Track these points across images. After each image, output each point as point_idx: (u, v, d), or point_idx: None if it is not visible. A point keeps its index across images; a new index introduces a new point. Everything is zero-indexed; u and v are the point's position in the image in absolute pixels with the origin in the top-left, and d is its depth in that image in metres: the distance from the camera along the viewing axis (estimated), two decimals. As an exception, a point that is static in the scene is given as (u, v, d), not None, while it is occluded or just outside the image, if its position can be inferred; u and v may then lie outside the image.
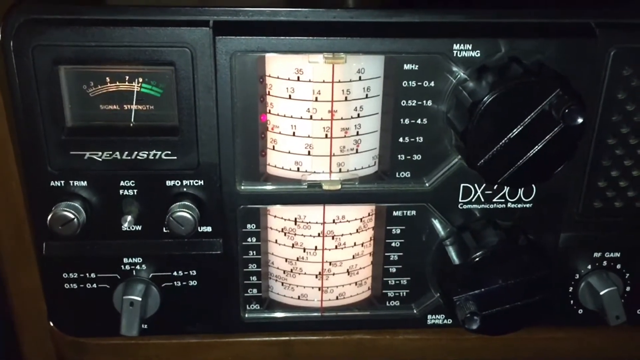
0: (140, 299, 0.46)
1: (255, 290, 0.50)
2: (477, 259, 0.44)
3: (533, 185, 0.46)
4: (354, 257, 0.50)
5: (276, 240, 0.49)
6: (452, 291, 0.45)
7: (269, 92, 0.45)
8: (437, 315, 0.51)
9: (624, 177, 0.47)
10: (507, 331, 0.47)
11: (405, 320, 0.51)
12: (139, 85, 0.44)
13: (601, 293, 0.48)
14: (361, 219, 0.49)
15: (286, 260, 0.50)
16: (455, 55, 0.42)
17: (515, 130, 0.40)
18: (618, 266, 0.50)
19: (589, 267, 0.50)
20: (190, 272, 0.48)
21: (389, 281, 0.50)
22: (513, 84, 0.39)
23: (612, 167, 0.47)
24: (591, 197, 0.48)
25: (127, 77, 0.43)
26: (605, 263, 0.50)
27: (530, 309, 0.46)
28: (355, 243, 0.49)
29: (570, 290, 0.51)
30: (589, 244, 0.49)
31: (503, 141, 0.40)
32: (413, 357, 0.57)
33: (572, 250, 0.49)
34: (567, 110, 0.38)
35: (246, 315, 0.50)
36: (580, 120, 0.38)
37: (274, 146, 0.46)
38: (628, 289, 0.51)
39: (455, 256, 0.46)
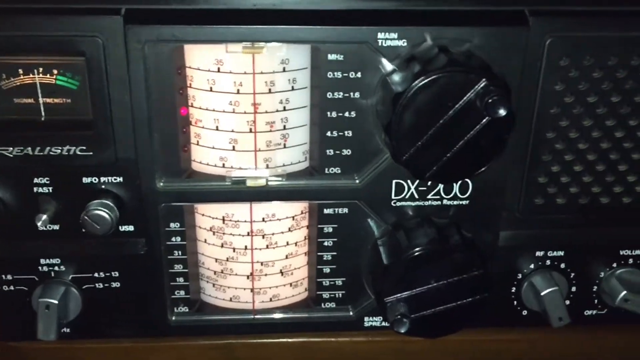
0: (56, 301, 0.44)
1: (182, 292, 0.48)
2: (407, 258, 0.42)
3: (469, 182, 0.44)
4: (287, 257, 0.48)
5: (205, 240, 0.47)
6: (382, 292, 0.43)
7: (190, 84, 0.42)
8: (374, 317, 0.49)
9: (565, 172, 0.45)
10: (443, 333, 0.45)
11: (341, 322, 0.49)
12: (54, 77, 0.42)
13: (542, 294, 0.46)
14: (293, 217, 0.47)
15: (216, 260, 0.47)
16: (380, 44, 0.40)
17: (440, 122, 0.38)
18: (562, 265, 0.48)
19: (532, 266, 0.48)
20: (113, 273, 0.46)
21: (323, 282, 0.48)
22: (436, 75, 0.37)
23: (552, 162, 0.45)
24: (531, 193, 0.46)
25: (41, 69, 0.41)
26: (548, 262, 0.48)
27: (466, 310, 0.44)
28: (288, 242, 0.47)
29: (513, 291, 0.49)
30: (531, 242, 0.47)
31: (428, 134, 0.38)
32: (359, 359, 0.55)
33: (513, 248, 0.47)
34: (489, 102, 0.36)
35: (174, 318, 0.48)
36: (503, 112, 0.36)
37: (198, 141, 0.44)
38: (574, 289, 0.49)
39: (387, 256, 0.44)
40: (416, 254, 0.42)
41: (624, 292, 0.46)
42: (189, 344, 0.52)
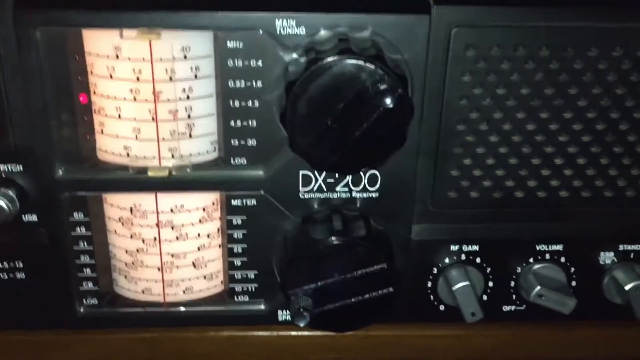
0: (-46, 292, 0.43)
1: (91, 284, 0.47)
2: (309, 250, 0.42)
3: (377, 174, 0.44)
4: (199, 249, 0.47)
5: (115, 231, 0.46)
6: (286, 285, 0.42)
7: (91, 71, 0.41)
8: (287, 311, 0.48)
9: (478, 165, 0.44)
10: (352, 327, 0.44)
11: (254, 316, 0.48)
12: (-47, 62, 0.41)
13: (454, 288, 0.45)
14: (204, 209, 0.46)
15: (126, 252, 0.46)
16: (279, 32, 0.39)
17: (335, 112, 0.37)
18: (478, 260, 0.47)
19: (447, 260, 0.47)
20: (17, 263, 0.45)
21: (235, 275, 0.47)
22: (327, 64, 0.36)
23: (464, 155, 0.44)
24: (444, 187, 0.45)
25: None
26: (463, 257, 0.47)
27: (373, 304, 0.43)
28: (199, 234, 0.46)
29: (429, 285, 0.48)
30: (446, 236, 0.46)
31: (323, 124, 0.37)
32: (288, 354, 0.55)
33: (427, 242, 0.46)
34: (378, 91, 0.35)
35: (82, 310, 0.47)
36: (389, 102, 0.35)
37: (102, 130, 0.43)
38: (491, 284, 0.48)
39: (291, 248, 0.43)
40: (318, 246, 0.42)
41: (538, 287, 0.46)
42: (110, 337, 0.51)
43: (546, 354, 0.55)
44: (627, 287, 0.46)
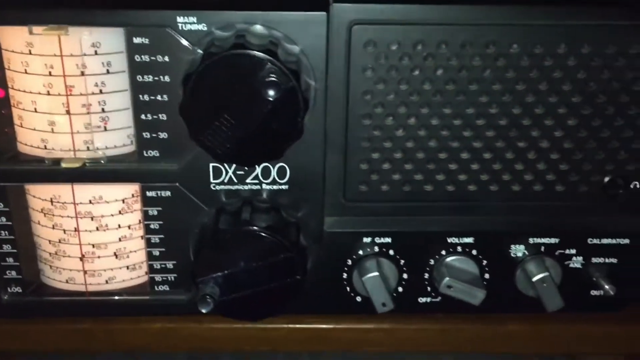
0: None
1: (14, 273, 0.48)
2: (214, 240, 0.43)
3: (286, 166, 0.45)
4: (120, 240, 0.48)
5: (39, 222, 0.48)
6: (196, 273, 0.44)
7: (8, 66, 0.43)
8: (206, 300, 0.49)
9: (386, 160, 0.46)
10: (260, 316, 0.46)
11: (175, 306, 0.49)
12: None
13: (363, 279, 0.46)
14: (124, 200, 0.47)
15: (49, 242, 0.48)
16: (181, 28, 0.40)
17: (230, 104, 0.39)
18: (391, 252, 0.49)
19: (360, 252, 0.48)
20: (-60, 251, 0.47)
21: (154, 265, 0.48)
22: (217, 58, 0.37)
23: (372, 150, 0.45)
24: (354, 180, 0.46)
25: None
26: (377, 249, 0.48)
27: (280, 293, 0.44)
28: (120, 225, 0.48)
29: (344, 277, 0.49)
30: (358, 229, 0.48)
31: (220, 116, 0.39)
32: (221, 345, 0.56)
33: (340, 234, 0.48)
34: (264, 83, 0.36)
35: (6, 298, 0.49)
36: (272, 93, 0.36)
37: (21, 123, 0.45)
38: (405, 276, 0.50)
39: (201, 238, 0.44)
40: (224, 235, 0.43)
41: (447, 278, 0.47)
42: (47, 328, 0.52)
43: (474, 348, 0.56)
44: (534, 279, 0.47)
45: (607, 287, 0.48)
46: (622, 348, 0.56)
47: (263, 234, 0.43)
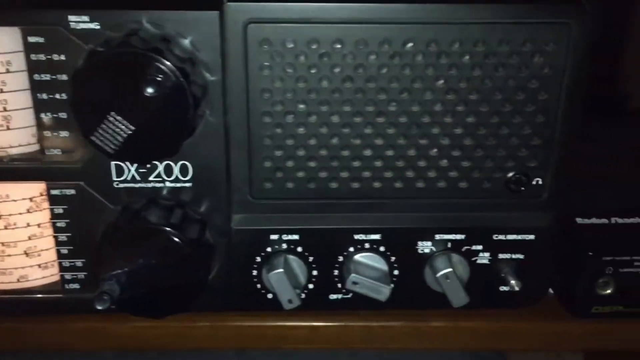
0: None
1: None
2: (117, 237, 0.43)
3: (188, 164, 0.45)
4: (30, 239, 0.48)
5: (-52, 220, 0.48)
6: (97, 271, 0.44)
7: None
8: (118, 299, 0.50)
9: (290, 157, 0.46)
10: (163, 313, 0.46)
11: (86, 304, 0.49)
12: None
13: (269, 275, 0.47)
14: (31, 199, 0.47)
15: (-41, 240, 0.49)
16: (73, 27, 0.41)
17: (117, 102, 0.39)
18: (299, 249, 0.49)
19: (269, 249, 0.49)
20: None
21: (64, 263, 0.49)
22: (103, 55, 0.38)
23: (275, 147, 0.46)
24: (260, 177, 0.47)
25: None
26: (285, 246, 0.49)
27: (184, 291, 0.45)
28: (29, 224, 0.48)
29: (254, 274, 0.50)
30: (266, 226, 0.48)
31: (107, 115, 0.39)
32: (142, 344, 0.56)
33: (248, 232, 0.48)
34: (145, 81, 0.37)
35: None
36: (151, 91, 0.37)
37: None
38: (315, 272, 0.50)
39: (102, 236, 0.44)
40: (123, 233, 0.43)
41: (352, 274, 0.47)
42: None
43: (399, 345, 0.57)
44: (437, 275, 0.48)
45: (512, 282, 0.49)
46: (550, 344, 0.57)
47: (162, 231, 0.43)
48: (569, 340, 0.56)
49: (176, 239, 0.43)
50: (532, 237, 0.49)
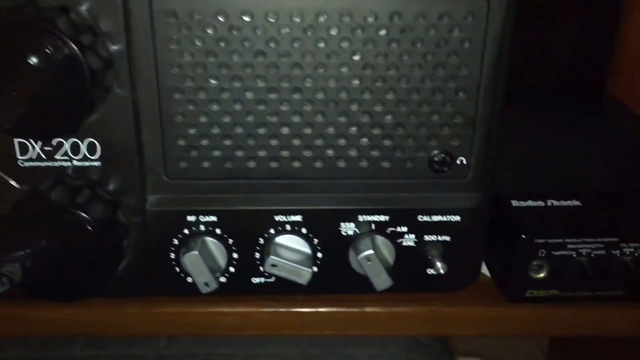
0: None
1: None
2: (20, 219, 0.42)
3: (96, 142, 0.44)
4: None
5: None
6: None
7: None
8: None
9: (204, 135, 0.44)
10: (73, 297, 0.45)
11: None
12: None
13: (183, 259, 0.45)
14: (-63, 179, 0.46)
15: None
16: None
17: (8, 75, 0.37)
18: (218, 231, 0.47)
19: (186, 231, 0.47)
20: None
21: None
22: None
23: (188, 125, 0.44)
24: (174, 157, 0.45)
25: None
26: (202, 227, 0.47)
27: (94, 274, 0.43)
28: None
29: (172, 257, 0.48)
30: (182, 207, 0.46)
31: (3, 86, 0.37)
32: (69, 330, 0.55)
33: (164, 213, 0.46)
34: (30, 47, 0.35)
35: None
36: (36, 61, 0.35)
37: None
38: (235, 255, 0.48)
39: (6, 217, 0.43)
40: (27, 214, 0.42)
41: (271, 256, 0.46)
42: None
43: (332, 330, 0.55)
44: (358, 257, 0.46)
45: (438, 264, 0.48)
46: (486, 330, 0.55)
47: (67, 211, 0.41)
48: (504, 326, 0.55)
49: (81, 220, 0.42)
50: (457, 218, 0.47)
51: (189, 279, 0.49)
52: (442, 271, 0.47)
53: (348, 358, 0.57)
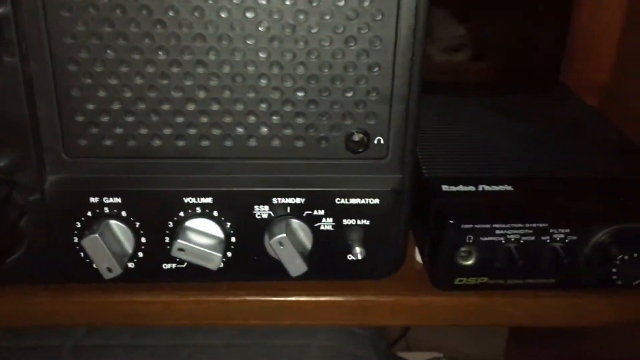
0: None
1: None
2: None
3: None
4: None
5: None
6: None
7: None
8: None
9: (103, 111, 0.42)
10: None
11: None
12: None
13: (82, 242, 0.43)
14: None
15: None
16: None
17: None
18: (123, 213, 0.45)
19: (89, 214, 0.44)
20: None
21: None
22: None
23: (85, 100, 0.41)
24: (73, 134, 0.42)
25: None
26: (107, 209, 0.44)
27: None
28: None
29: (75, 242, 0.45)
30: (84, 188, 0.44)
31: None
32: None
33: (65, 194, 0.44)
34: None
35: None
36: None
37: None
38: (143, 239, 0.46)
39: None
40: None
41: (178, 240, 0.44)
42: None
43: (258, 320, 0.53)
44: (270, 241, 0.44)
45: (357, 250, 0.45)
46: (415, 319, 0.53)
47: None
48: (435, 315, 0.53)
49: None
50: (377, 201, 0.45)
51: (95, 265, 0.46)
52: (359, 256, 0.45)
53: (274, 349, 0.55)
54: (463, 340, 1.29)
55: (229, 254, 0.46)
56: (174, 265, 0.47)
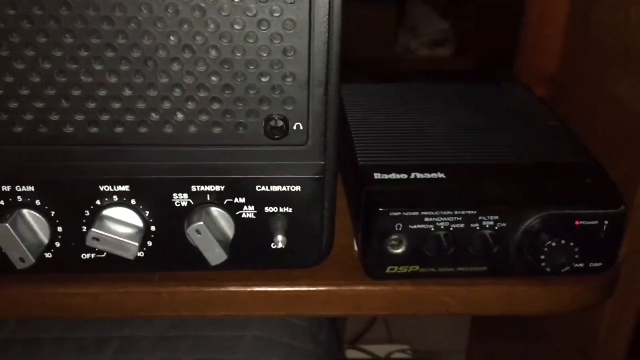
0: None
1: None
2: None
3: None
4: None
5: None
6: None
7: None
8: None
9: (11, 96, 0.40)
10: None
11: None
12: None
13: (-3, 233, 0.42)
14: None
15: None
16: None
17: None
18: (37, 202, 0.43)
19: (2, 202, 0.43)
20: None
21: None
22: None
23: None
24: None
25: None
26: (20, 198, 0.43)
27: None
28: None
29: None
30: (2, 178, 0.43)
31: None
32: None
33: (-20, 184, 0.43)
34: None
35: None
36: None
37: None
38: (60, 229, 0.45)
39: None
40: None
41: (92, 229, 0.43)
42: None
43: (189, 311, 0.52)
44: (187, 230, 0.43)
45: (278, 238, 0.45)
46: (348, 308, 0.52)
47: None
48: (369, 305, 0.52)
49: None
50: (298, 188, 0.45)
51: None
52: (280, 245, 0.44)
53: (205, 340, 0.54)
54: (429, 332, 1.29)
55: (150, 243, 0.45)
56: (92, 255, 0.46)
